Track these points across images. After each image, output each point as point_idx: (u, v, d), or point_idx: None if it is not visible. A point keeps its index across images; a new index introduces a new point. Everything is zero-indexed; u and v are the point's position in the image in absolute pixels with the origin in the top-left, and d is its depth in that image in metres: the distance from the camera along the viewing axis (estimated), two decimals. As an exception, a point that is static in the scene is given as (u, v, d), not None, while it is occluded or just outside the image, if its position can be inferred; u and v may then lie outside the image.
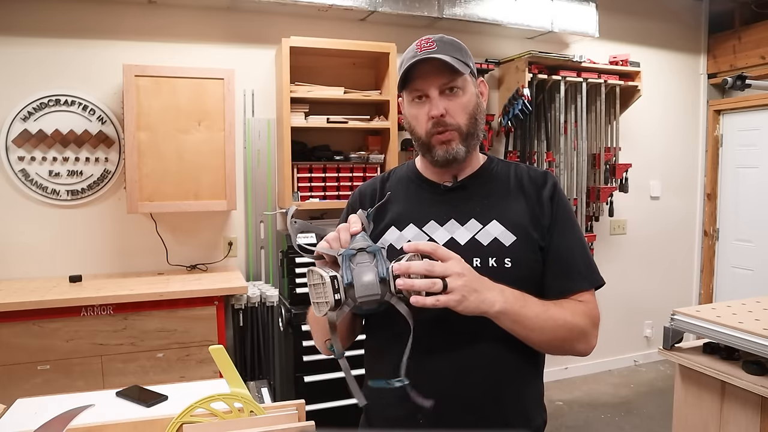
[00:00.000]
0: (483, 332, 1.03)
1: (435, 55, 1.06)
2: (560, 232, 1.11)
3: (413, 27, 3.35)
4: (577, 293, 1.09)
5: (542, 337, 1.02)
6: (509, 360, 1.07)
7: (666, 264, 4.34)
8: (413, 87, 1.09)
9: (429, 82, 1.08)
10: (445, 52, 1.07)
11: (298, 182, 2.97)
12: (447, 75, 1.07)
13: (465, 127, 1.10)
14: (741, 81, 2.46)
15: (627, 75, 3.75)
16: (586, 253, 1.14)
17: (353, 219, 1.01)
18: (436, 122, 1.08)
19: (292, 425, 0.97)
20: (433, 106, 1.07)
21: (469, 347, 1.05)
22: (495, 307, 0.96)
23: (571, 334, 1.05)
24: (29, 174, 2.78)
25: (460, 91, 1.09)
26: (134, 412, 1.36)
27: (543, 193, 1.13)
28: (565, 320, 1.03)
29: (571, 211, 1.17)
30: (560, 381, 3.91)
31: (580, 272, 1.11)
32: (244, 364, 2.84)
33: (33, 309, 2.33)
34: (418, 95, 1.10)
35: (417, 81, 1.08)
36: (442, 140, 1.09)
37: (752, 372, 1.68)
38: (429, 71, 1.07)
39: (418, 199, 1.17)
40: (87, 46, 2.84)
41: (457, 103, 1.09)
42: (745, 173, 4.13)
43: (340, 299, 0.91)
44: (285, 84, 2.87)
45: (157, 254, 3.00)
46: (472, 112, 1.11)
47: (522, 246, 1.08)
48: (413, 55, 1.08)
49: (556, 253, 1.10)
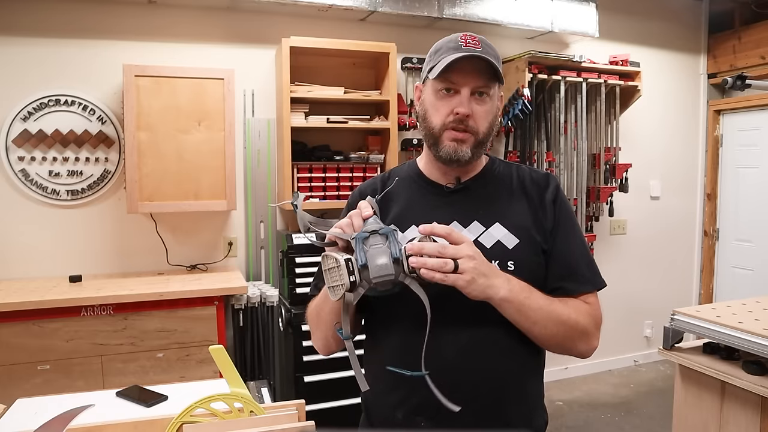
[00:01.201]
0: (485, 333, 1.03)
1: (481, 55, 1.04)
2: (563, 235, 1.11)
3: (413, 27, 3.35)
4: (581, 296, 1.10)
5: (544, 332, 1.03)
6: (511, 359, 1.06)
7: (666, 264, 4.34)
8: (448, 79, 1.07)
9: (467, 79, 1.06)
10: (488, 55, 1.06)
11: (298, 182, 2.97)
12: (485, 78, 1.06)
13: (482, 134, 1.09)
14: (741, 81, 2.46)
15: (627, 75, 3.75)
16: (588, 255, 1.15)
17: (363, 204, 1.00)
18: (459, 120, 1.06)
19: (292, 425, 0.97)
20: (463, 104, 1.06)
21: (472, 345, 1.04)
22: (500, 293, 0.97)
23: (573, 332, 1.05)
24: (29, 174, 2.78)
25: (489, 98, 1.09)
26: (134, 412, 1.36)
27: (546, 195, 1.13)
28: (569, 317, 1.04)
29: (572, 214, 1.17)
30: (560, 381, 3.91)
31: (583, 275, 1.11)
32: (244, 364, 2.84)
33: (33, 309, 2.33)
34: (447, 87, 1.07)
35: (454, 74, 1.06)
36: (456, 137, 1.08)
37: (752, 372, 1.68)
38: (469, 68, 1.05)
39: (421, 200, 1.16)
40: (87, 46, 2.84)
41: (484, 109, 1.08)
42: (745, 173, 4.13)
43: (356, 281, 0.92)
44: (285, 84, 2.87)
45: (157, 254, 3.00)
46: (492, 120, 1.10)
47: (525, 249, 1.08)
48: (456, 47, 1.06)
49: (558, 256, 1.10)
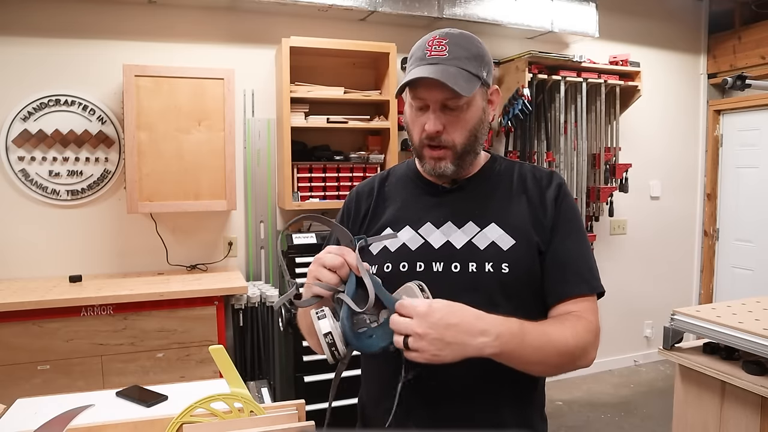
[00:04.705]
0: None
1: (443, 67, 0.97)
2: (562, 235, 1.05)
3: (413, 27, 3.35)
4: (576, 297, 1.03)
5: (542, 368, 0.98)
6: (504, 378, 1.00)
7: (666, 264, 4.34)
8: (416, 95, 1.01)
9: (432, 94, 0.99)
10: (456, 60, 0.98)
11: (298, 182, 2.97)
12: (451, 90, 0.96)
13: (460, 146, 1.02)
14: (741, 81, 2.46)
15: (627, 75, 3.75)
16: (589, 258, 1.07)
17: (349, 257, 0.93)
18: (430, 137, 1.01)
19: (292, 425, 0.97)
20: (430, 121, 1.00)
21: (466, 363, 0.99)
22: (485, 352, 0.88)
23: (572, 357, 0.98)
24: (29, 174, 2.78)
25: (465, 106, 1.00)
26: (134, 412, 1.35)
27: (547, 193, 1.07)
28: (567, 343, 0.96)
29: (577, 215, 1.09)
30: (560, 381, 3.91)
31: (580, 275, 1.04)
32: (244, 364, 2.84)
33: (33, 309, 2.33)
34: (418, 105, 1.02)
35: (420, 89, 1.00)
36: (433, 155, 1.03)
37: (752, 372, 1.68)
38: (433, 82, 0.96)
39: (416, 199, 1.12)
40: (87, 46, 2.84)
41: (458, 119, 1.01)
42: (745, 173, 4.13)
43: (338, 356, 0.89)
44: (285, 84, 2.87)
45: (157, 254, 3.00)
46: (473, 128, 1.03)
47: (521, 250, 1.02)
48: (421, 58, 1.00)
49: (555, 255, 1.04)
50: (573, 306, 1.03)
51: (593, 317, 1.03)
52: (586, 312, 1.02)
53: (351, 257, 0.93)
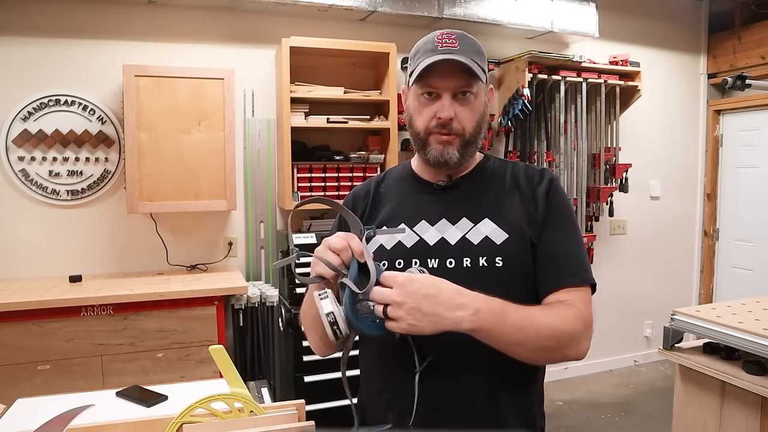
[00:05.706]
0: (474, 343, 0.97)
1: (456, 57, 1.01)
2: (553, 228, 1.07)
3: (413, 27, 3.35)
4: (567, 288, 1.03)
5: (524, 351, 0.97)
6: (504, 368, 1.01)
7: (666, 264, 4.34)
8: (427, 83, 1.05)
9: (445, 82, 1.03)
10: (466, 53, 1.03)
11: (298, 182, 2.97)
12: (465, 78, 1.03)
13: (468, 135, 1.07)
14: (741, 81, 2.46)
15: (627, 75, 3.75)
16: (580, 251, 1.09)
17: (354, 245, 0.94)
18: (441, 124, 1.04)
19: (292, 425, 0.97)
20: (444, 108, 1.04)
21: (462, 358, 1.01)
22: (462, 326, 0.89)
23: (558, 343, 0.98)
24: (29, 174, 2.78)
25: (473, 96, 1.06)
26: (134, 412, 1.36)
27: (538, 189, 1.10)
28: (552, 328, 0.97)
29: (568, 209, 1.12)
30: (560, 381, 3.91)
31: (570, 267, 1.05)
32: (244, 364, 2.84)
33: (33, 309, 2.33)
34: (428, 92, 1.05)
35: (433, 78, 1.04)
36: (442, 140, 1.06)
37: (752, 372, 1.68)
38: (447, 71, 1.02)
39: (411, 198, 1.15)
40: (87, 46, 2.84)
41: (468, 109, 1.06)
42: (745, 173, 4.13)
43: (343, 337, 0.89)
44: (285, 84, 2.87)
45: (157, 254, 3.00)
46: (479, 118, 1.08)
47: (514, 244, 1.05)
48: (432, 50, 1.03)
49: (545, 248, 1.06)
50: (564, 296, 1.04)
51: (584, 307, 1.03)
52: (576, 301, 1.03)
53: (355, 242, 0.94)
